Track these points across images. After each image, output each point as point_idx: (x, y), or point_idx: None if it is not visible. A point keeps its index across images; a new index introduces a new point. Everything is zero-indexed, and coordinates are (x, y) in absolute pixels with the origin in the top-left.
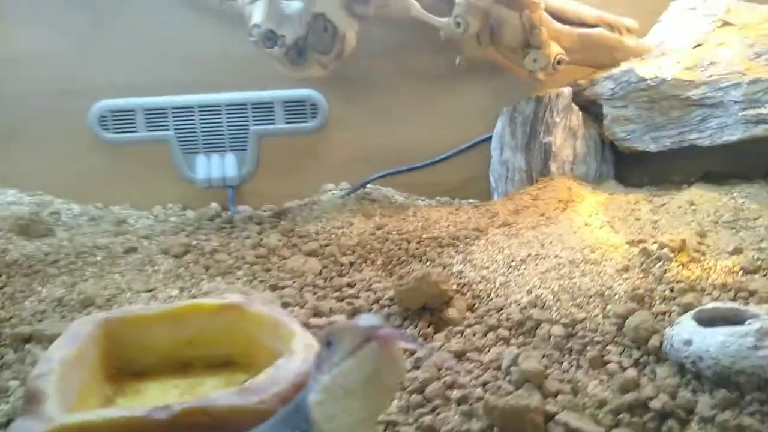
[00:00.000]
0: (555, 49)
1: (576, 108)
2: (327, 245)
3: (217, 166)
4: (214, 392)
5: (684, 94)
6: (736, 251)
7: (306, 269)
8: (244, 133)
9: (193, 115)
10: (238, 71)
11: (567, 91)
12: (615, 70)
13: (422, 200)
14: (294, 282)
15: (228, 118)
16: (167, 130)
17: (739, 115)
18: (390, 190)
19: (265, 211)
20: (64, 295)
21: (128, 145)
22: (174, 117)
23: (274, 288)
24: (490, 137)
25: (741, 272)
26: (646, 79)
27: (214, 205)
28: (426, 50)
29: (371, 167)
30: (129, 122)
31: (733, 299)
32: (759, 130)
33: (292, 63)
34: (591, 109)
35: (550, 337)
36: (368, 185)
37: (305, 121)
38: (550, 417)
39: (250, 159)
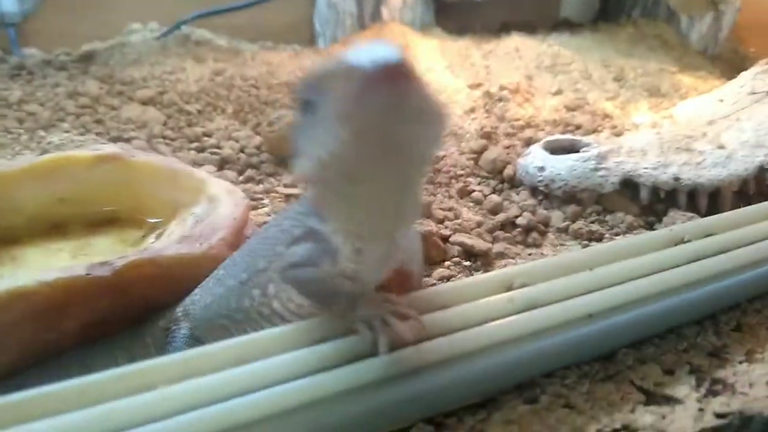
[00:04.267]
0: None
1: None
2: (163, 93)
3: None
4: (154, 244)
5: None
6: (559, 92)
7: (147, 119)
8: None
9: None
10: None
11: None
12: None
13: (244, 44)
14: (139, 133)
15: None
16: None
17: None
18: (207, 32)
19: (60, 54)
20: None
21: None
22: None
23: (116, 140)
24: None
25: (564, 110)
26: None
27: None
28: None
29: (182, 5)
30: None
31: (563, 132)
32: None
33: None
34: None
35: None
36: (183, 27)
37: None
38: (445, 239)
39: None
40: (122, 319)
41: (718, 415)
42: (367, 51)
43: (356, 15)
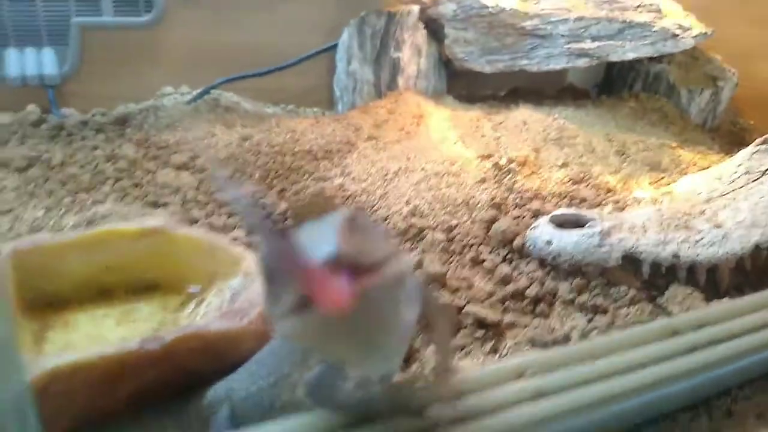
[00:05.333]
0: None
1: (421, 26)
2: (195, 158)
3: (32, 62)
4: (196, 319)
5: (519, 24)
6: (564, 165)
7: (181, 184)
8: (65, 25)
9: None
10: None
11: (415, 9)
12: None
13: (268, 107)
14: (174, 197)
15: (44, 5)
16: None
17: (564, 47)
18: (234, 95)
19: (96, 115)
20: None
21: None
22: None
23: (154, 205)
24: (335, 46)
25: (570, 182)
26: (487, 7)
27: (32, 107)
28: None
29: (211, 70)
30: None
31: (569, 205)
32: (580, 62)
33: None
34: (431, 26)
35: (436, 243)
36: (211, 91)
37: (137, 15)
38: (459, 309)
39: (73, 55)
40: (168, 389)
41: None
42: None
43: (373, 83)
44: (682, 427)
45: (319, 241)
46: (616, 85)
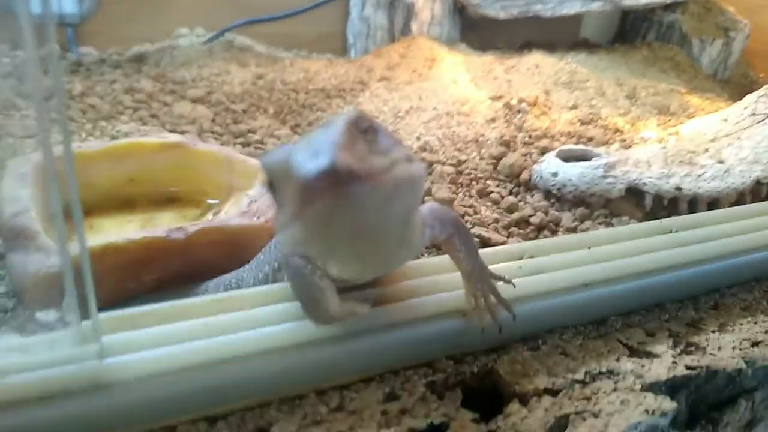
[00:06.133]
0: None
1: None
2: (211, 93)
3: (52, 1)
4: (219, 215)
5: None
6: (574, 107)
7: (197, 116)
8: None
9: None
10: None
11: None
12: None
13: (281, 52)
14: (190, 127)
15: None
16: None
17: None
18: (248, 39)
19: (114, 54)
20: None
21: None
22: None
23: (171, 132)
24: None
25: (579, 123)
26: None
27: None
28: None
29: (225, 13)
30: None
31: (577, 143)
32: (594, 6)
33: None
34: None
35: (445, 175)
36: (226, 34)
37: None
38: None
39: None
40: (190, 276)
41: (689, 368)
42: (308, 156)
43: (386, 28)
44: (669, 313)
45: (316, 151)
46: (629, 37)
